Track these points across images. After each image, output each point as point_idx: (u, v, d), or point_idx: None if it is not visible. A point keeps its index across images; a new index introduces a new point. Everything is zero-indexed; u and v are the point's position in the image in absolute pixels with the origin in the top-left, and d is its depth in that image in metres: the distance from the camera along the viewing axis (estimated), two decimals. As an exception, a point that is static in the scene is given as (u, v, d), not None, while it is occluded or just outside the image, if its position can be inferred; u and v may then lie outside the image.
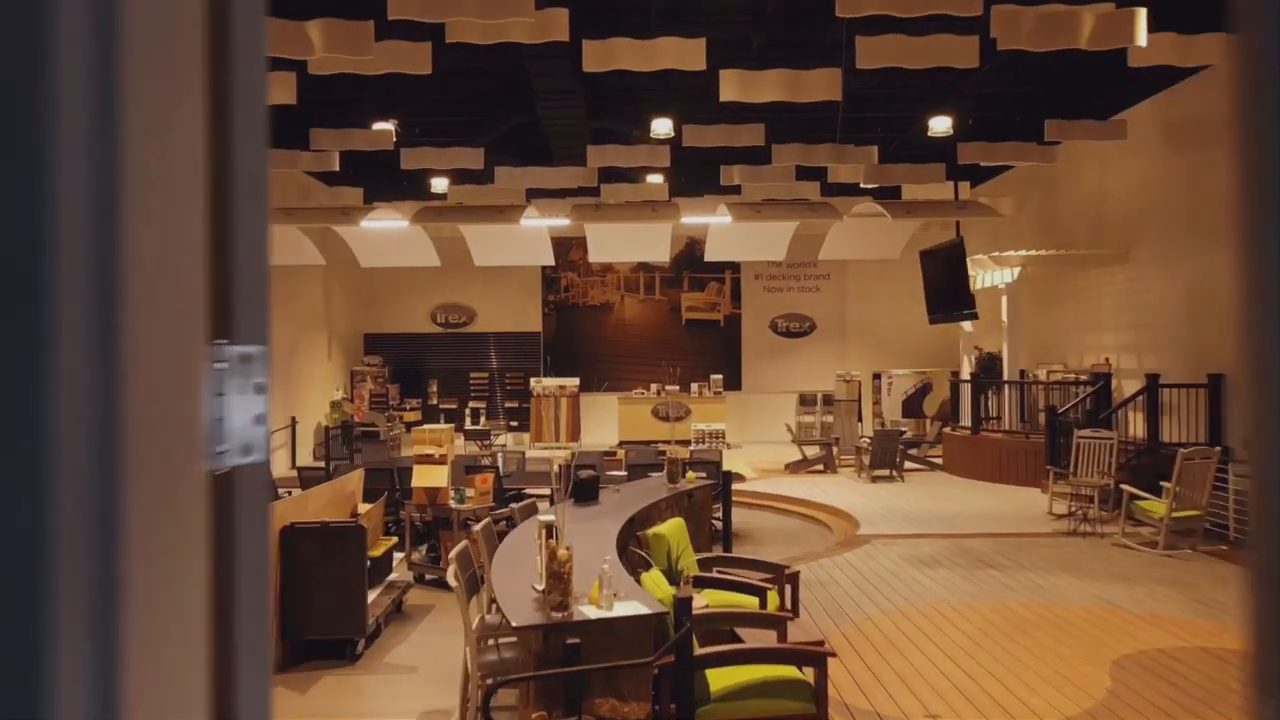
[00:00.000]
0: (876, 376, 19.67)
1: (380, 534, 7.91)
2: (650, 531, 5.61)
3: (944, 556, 8.77)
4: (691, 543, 7.26)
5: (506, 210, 11.26)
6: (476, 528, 5.57)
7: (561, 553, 3.80)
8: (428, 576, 8.76)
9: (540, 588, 4.09)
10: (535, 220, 10.97)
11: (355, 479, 8.20)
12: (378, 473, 10.57)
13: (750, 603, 5.39)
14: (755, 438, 20.69)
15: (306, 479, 10.47)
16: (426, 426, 8.71)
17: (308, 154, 12.78)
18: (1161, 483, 9.06)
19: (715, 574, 5.66)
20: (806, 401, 21.06)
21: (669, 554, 5.24)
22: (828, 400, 20.86)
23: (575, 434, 19.96)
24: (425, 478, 8.54)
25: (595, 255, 12.76)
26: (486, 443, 15.56)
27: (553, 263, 12.93)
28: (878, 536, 9.75)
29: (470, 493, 8.64)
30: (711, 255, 12.98)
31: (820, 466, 15.45)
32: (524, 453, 12.12)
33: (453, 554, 4.70)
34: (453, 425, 8.90)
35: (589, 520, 6.26)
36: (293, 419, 16.63)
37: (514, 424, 21.10)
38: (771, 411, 21.07)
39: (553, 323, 21.39)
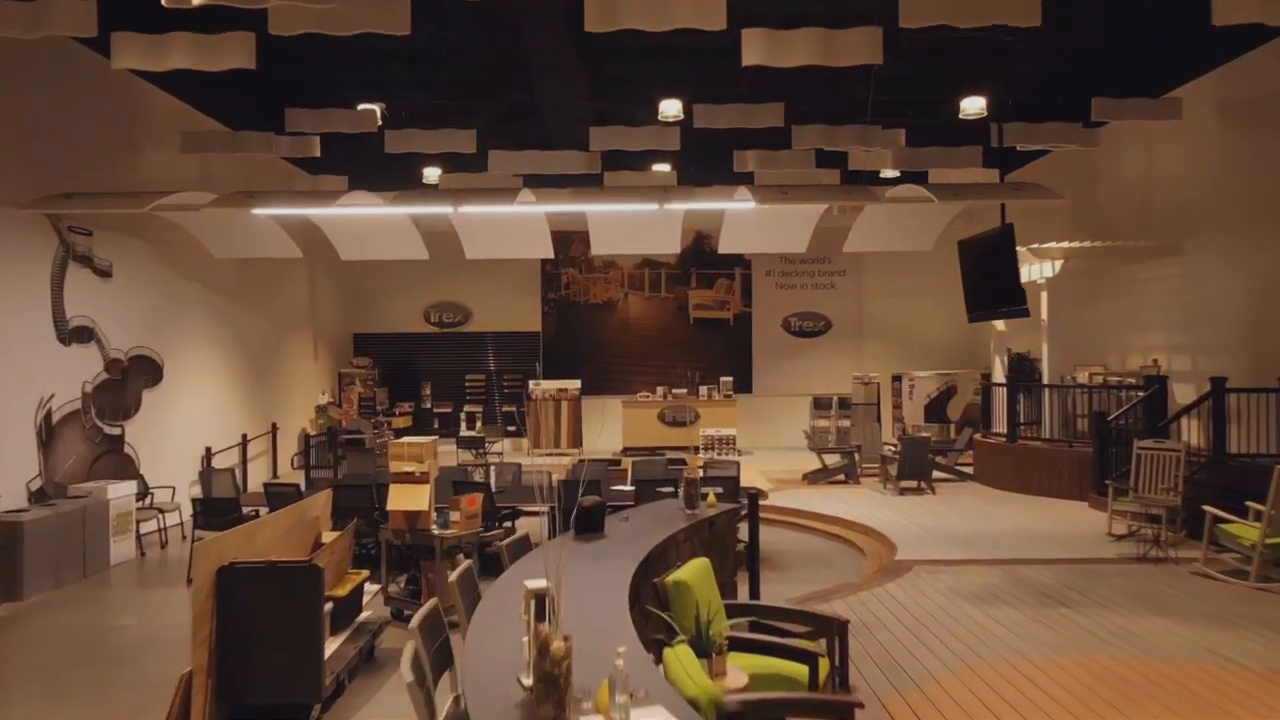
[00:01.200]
0: (897, 379, 18.51)
1: (348, 566, 6.77)
2: (671, 579, 4.46)
3: (1002, 589, 7.61)
4: (715, 577, 6.12)
5: (498, 193, 10.05)
6: (452, 577, 4.42)
7: (557, 645, 2.66)
8: (407, 613, 7.62)
9: (527, 684, 2.95)
10: (531, 206, 9.79)
11: (322, 501, 7.05)
12: (355, 489, 9.43)
13: (799, 674, 4.25)
14: (767, 443, 19.54)
15: (276, 496, 9.32)
16: (405, 440, 7.58)
17: (287, 139, 11.65)
18: (1248, 503, 7.90)
19: (751, 635, 4.52)
20: (821, 405, 19.92)
21: (697, 614, 4.09)
22: (844, 404, 19.71)
23: (576, 440, 18.82)
24: (403, 499, 7.40)
25: (599, 248, 11.59)
26: (480, 451, 14.41)
27: (551, 255, 11.77)
28: (920, 563, 8.59)
29: (455, 516, 7.50)
30: (726, 247, 11.80)
31: (841, 477, 14.29)
32: (519, 466, 10.96)
33: (413, 623, 3.55)
34: (434, 439, 7.75)
35: (594, 561, 5.12)
36: (273, 425, 15.49)
37: (511, 429, 19.97)
38: (784, 415, 19.93)
39: (553, 322, 20.25)
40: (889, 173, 14.57)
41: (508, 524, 9.64)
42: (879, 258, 19.93)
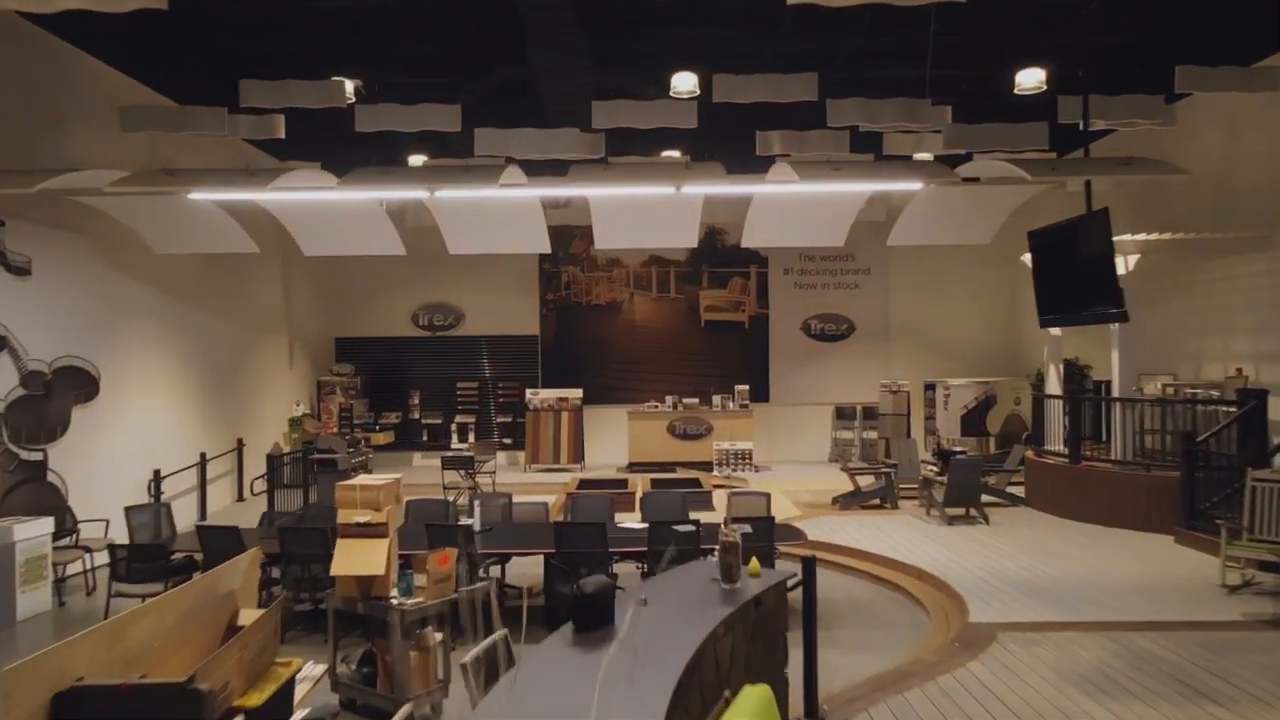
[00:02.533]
0: (929, 387, 16.85)
1: (274, 654, 5.13)
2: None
3: (1119, 670, 5.97)
4: (765, 675, 4.52)
5: (480, 173, 8.38)
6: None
7: None
8: (362, 703, 5.99)
9: None
10: (521, 188, 8.16)
11: (244, 566, 5.41)
12: (307, 534, 7.83)
13: None
14: (785, 456, 17.92)
15: (211, 544, 7.70)
16: (358, 480, 5.96)
17: (249, 119, 10.04)
18: None
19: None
20: (844, 415, 18.32)
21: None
22: (870, 414, 18.11)
23: (578, 454, 17.19)
24: (353, 559, 5.77)
25: (603, 241, 9.95)
26: (469, 472, 12.79)
27: (548, 250, 10.12)
28: (1003, 627, 6.95)
29: (421, 580, 5.88)
30: (751, 239, 10.15)
31: (877, 500, 12.64)
32: (509, 498, 9.33)
33: None
34: (397, 479, 6.10)
35: (607, 690, 3.47)
36: (239, 441, 13.87)
37: (507, 441, 18.36)
38: (803, 426, 18.31)
39: (552, 325, 18.62)
40: (922, 156, 12.90)
41: (494, 572, 8.00)
42: (907, 254, 18.29)
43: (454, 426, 18.28)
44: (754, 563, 5.27)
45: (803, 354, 18.52)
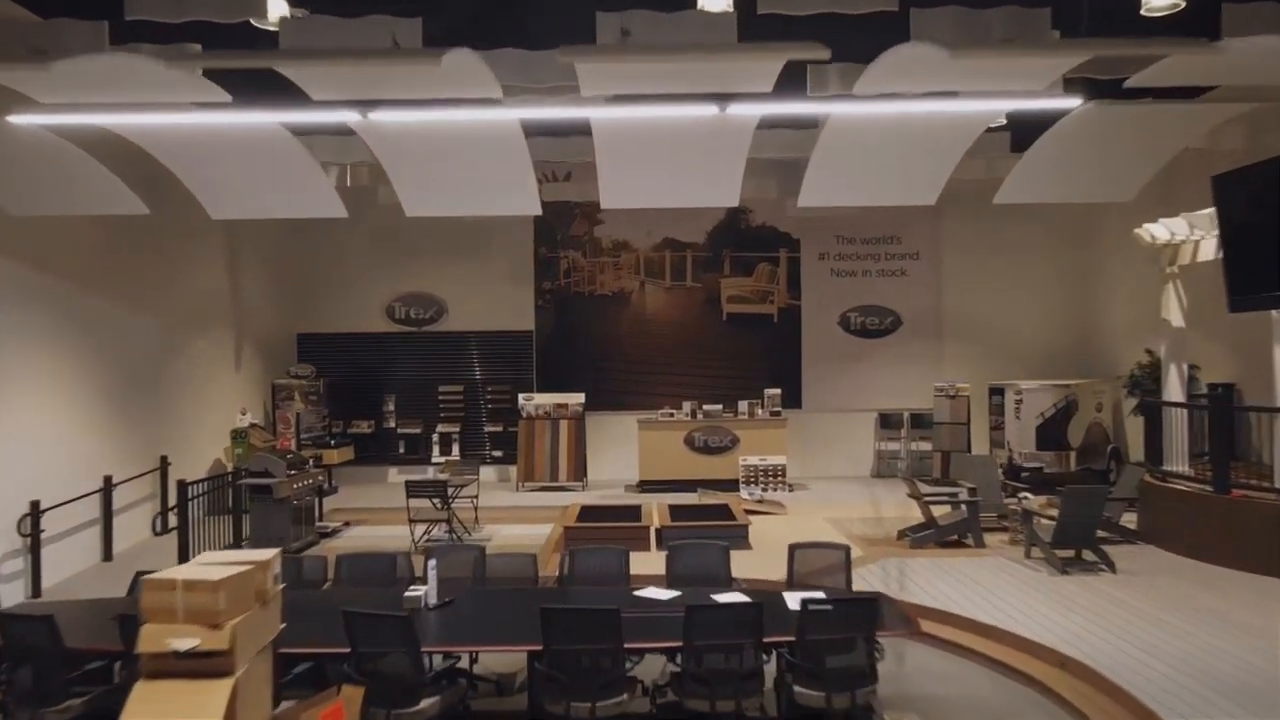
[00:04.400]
0: (996, 391, 14.23)
1: None
2: None
3: None
4: None
5: (424, 64, 5.66)
6: None
7: None
8: None
9: None
10: (493, 106, 5.57)
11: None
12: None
13: None
14: (819, 470, 15.33)
15: (17, 638, 5.11)
16: (186, 571, 3.39)
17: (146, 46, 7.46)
18: None
19: None
20: (890, 423, 15.72)
21: None
22: (920, 422, 15.50)
23: (579, 470, 14.60)
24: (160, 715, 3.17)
25: (612, 196, 7.36)
26: (443, 500, 10.17)
27: (537, 210, 7.51)
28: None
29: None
30: (811, 197, 7.49)
31: (955, 535, 10.02)
32: (482, 551, 6.71)
33: None
34: (268, 559, 3.54)
35: None
36: (162, 460, 11.28)
37: (497, 454, 15.80)
38: (840, 436, 15.73)
39: (549, 318, 16.02)
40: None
41: (444, 690, 5.36)
42: (963, 236, 15.71)
43: (435, 437, 15.71)
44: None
45: (840, 352, 15.92)
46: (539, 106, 5.86)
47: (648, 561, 9.32)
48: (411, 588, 5.84)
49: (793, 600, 5.58)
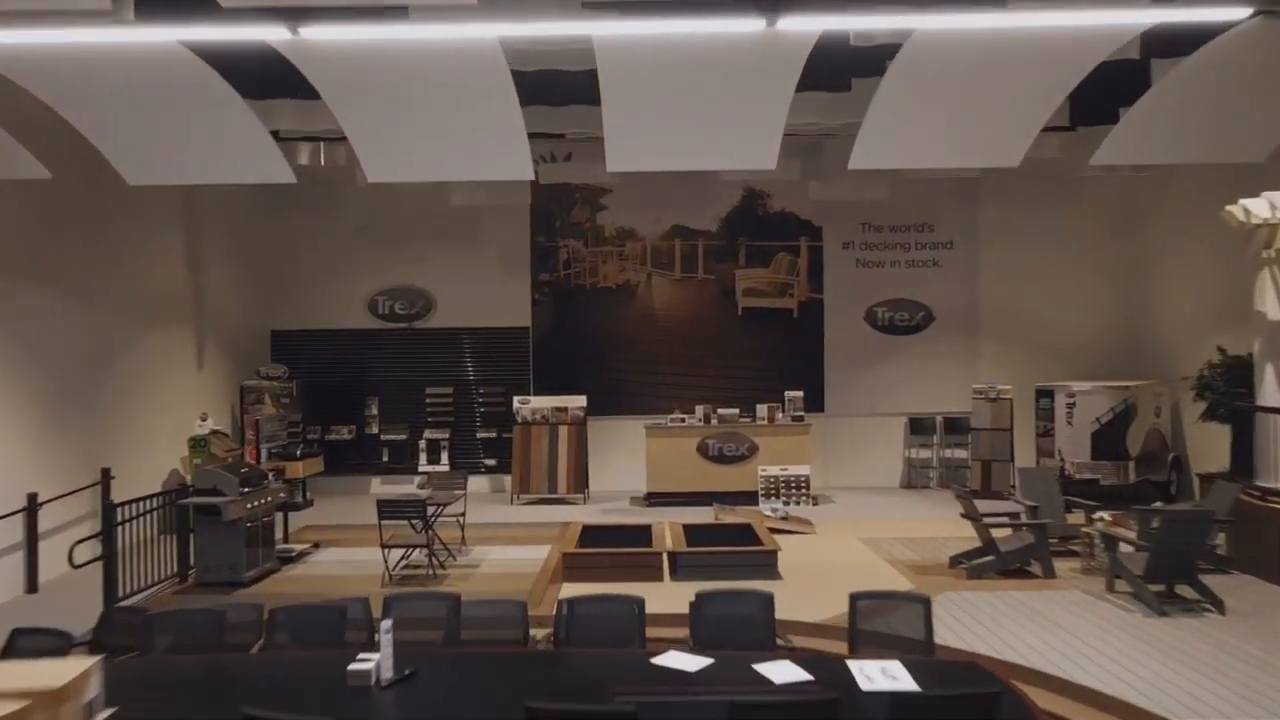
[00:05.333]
0: (1044, 394, 12.82)
1: None
2: None
3: None
4: None
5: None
6: None
7: None
8: None
9: None
10: (463, 16, 4.16)
11: None
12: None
13: None
14: (844, 480, 13.92)
15: None
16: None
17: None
18: None
19: None
20: (921, 428, 14.32)
21: None
22: (955, 427, 14.10)
23: (580, 481, 13.20)
24: None
25: (620, 156, 5.95)
26: (424, 522, 8.74)
27: (530, 175, 6.11)
28: None
29: None
30: (866, 156, 6.02)
31: (1018, 563, 8.59)
32: (457, 599, 5.27)
33: None
34: (85, 670, 2.15)
35: None
36: (104, 473, 9.86)
37: (491, 462, 14.40)
38: (867, 443, 14.32)
39: (547, 314, 14.62)
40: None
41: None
42: (1001, 223, 14.31)
43: (422, 444, 14.30)
44: None
45: (867, 350, 14.50)
46: (524, 20, 4.44)
47: (661, 595, 7.91)
48: (362, 657, 4.43)
49: (864, 676, 4.19)
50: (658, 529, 9.69)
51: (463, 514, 9.92)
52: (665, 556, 8.76)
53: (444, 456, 14.29)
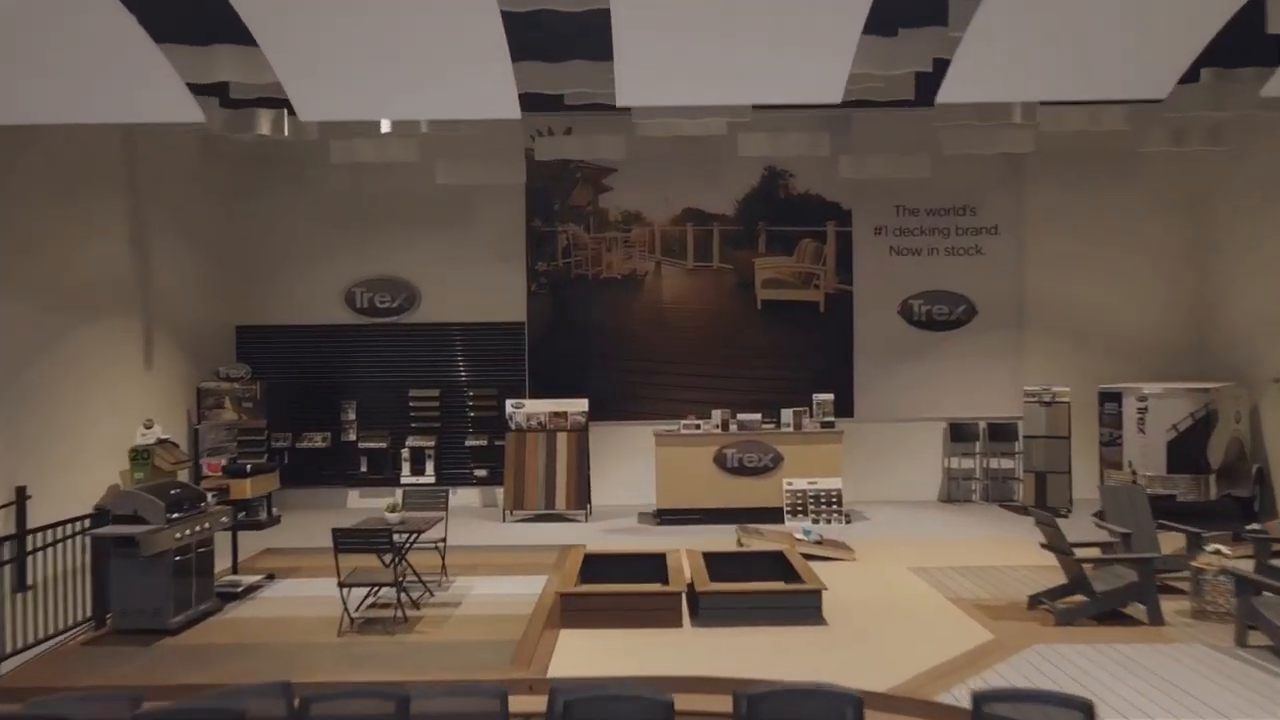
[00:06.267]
0: (1110, 398, 11.31)
1: None
2: None
3: None
4: None
5: None
6: None
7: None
8: None
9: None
10: None
11: None
12: None
13: None
14: (876, 494, 12.42)
15: None
16: None
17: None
18: None
19: None
20: (962, 435, 12.82)
21: None
22: (999, 433, 12.62)
23: (581, 496, 11.70)
24: None
25: (632, 90, 4.44)
26: (393, 556, 7.21)
27: (515, 111, 4.63)
28: None
29: None
30: (960, 87, 4.55)
31: (1116, 604, 7.06)
32: (407, 700, 3.74)
33: None
34: None
35: None
36: (19, 493, 8.36)
37: (482, 472, 12.90)
38: (901, 451, 12.84)
39: (544, 308, 13.10)
40: None
41: None
42: (1051, 205, 12.81)
43: (405, 452, 12.80)
44: None
45: (901, 347, 12.98)
46: None
47: (680, 650, 6.44)
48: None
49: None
50: (673, 560, 8.16)
51: (443, 540, 8.40)
52: (684, 597, 7.24)
53: (429, 466, 12.79)
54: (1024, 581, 8.01)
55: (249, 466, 8.65)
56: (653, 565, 8.12)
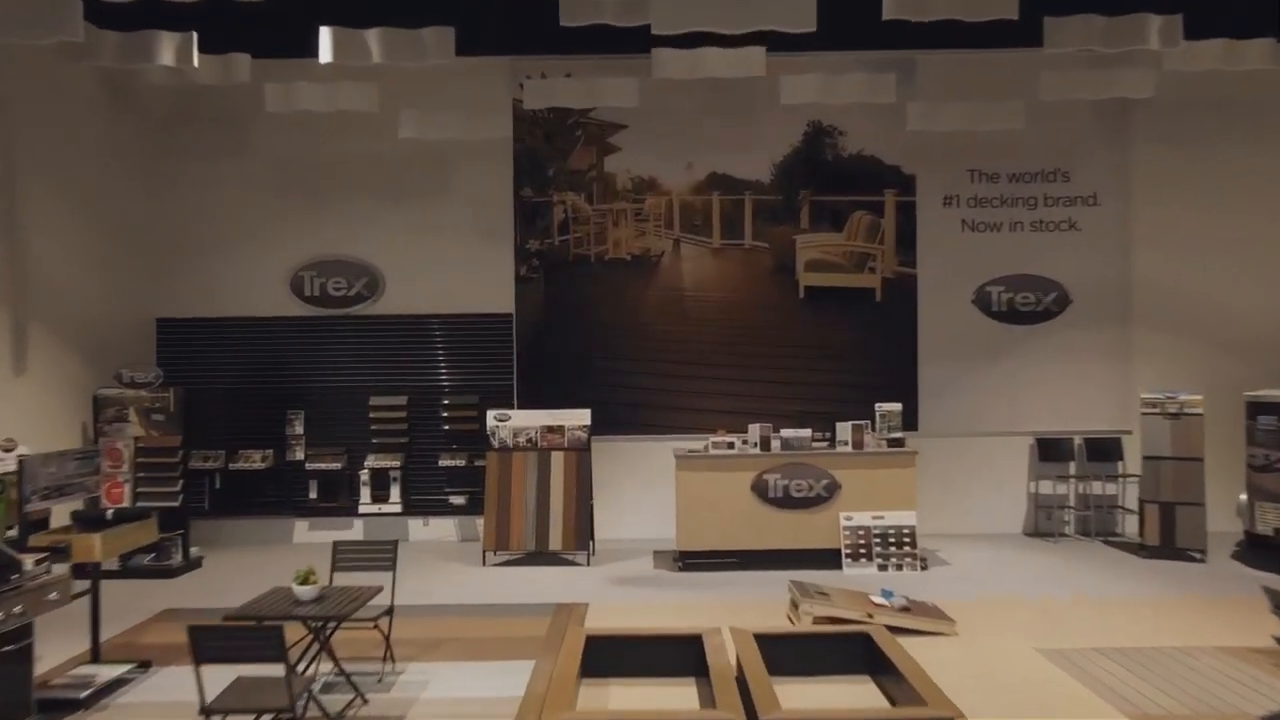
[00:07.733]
0: (1265, 409, 8.82)
1: None
2: None
3: None
4: None
5: None
6: None
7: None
8: None
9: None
10: None
11: None
12: None
13: None
14: (944, 526, 10.04)
15: None
16: None
17: None
18: None
19: None
20: (1054, 453, 10.33)
21: None
22: (1100, 451, 10.16)
23: (582, 533, 9.22)
24: None
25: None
26: (319, 634, 4.75)
27: None
28: None
29: None
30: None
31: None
32: None
33: None
34: None
35: None
36: None
37: (459, 500, 10.45)
38: (977, 472, 10.36)
39: (536, 296, 10.61)
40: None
41: None
42: (1165, 169, 10.35)
43: (365, 474, 10.35)
44: None
45: (977, 345, 10.52)
46: None
47: None
48: None
49: None
50: (712, 643, 5.65)
51: (387, 612, 5.91)
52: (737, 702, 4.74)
53: (394, 492, 10.36)
54: (1218, 680, 5.55)
55: (110, 513, 6.17)
56: (681, 653, 5.61)
